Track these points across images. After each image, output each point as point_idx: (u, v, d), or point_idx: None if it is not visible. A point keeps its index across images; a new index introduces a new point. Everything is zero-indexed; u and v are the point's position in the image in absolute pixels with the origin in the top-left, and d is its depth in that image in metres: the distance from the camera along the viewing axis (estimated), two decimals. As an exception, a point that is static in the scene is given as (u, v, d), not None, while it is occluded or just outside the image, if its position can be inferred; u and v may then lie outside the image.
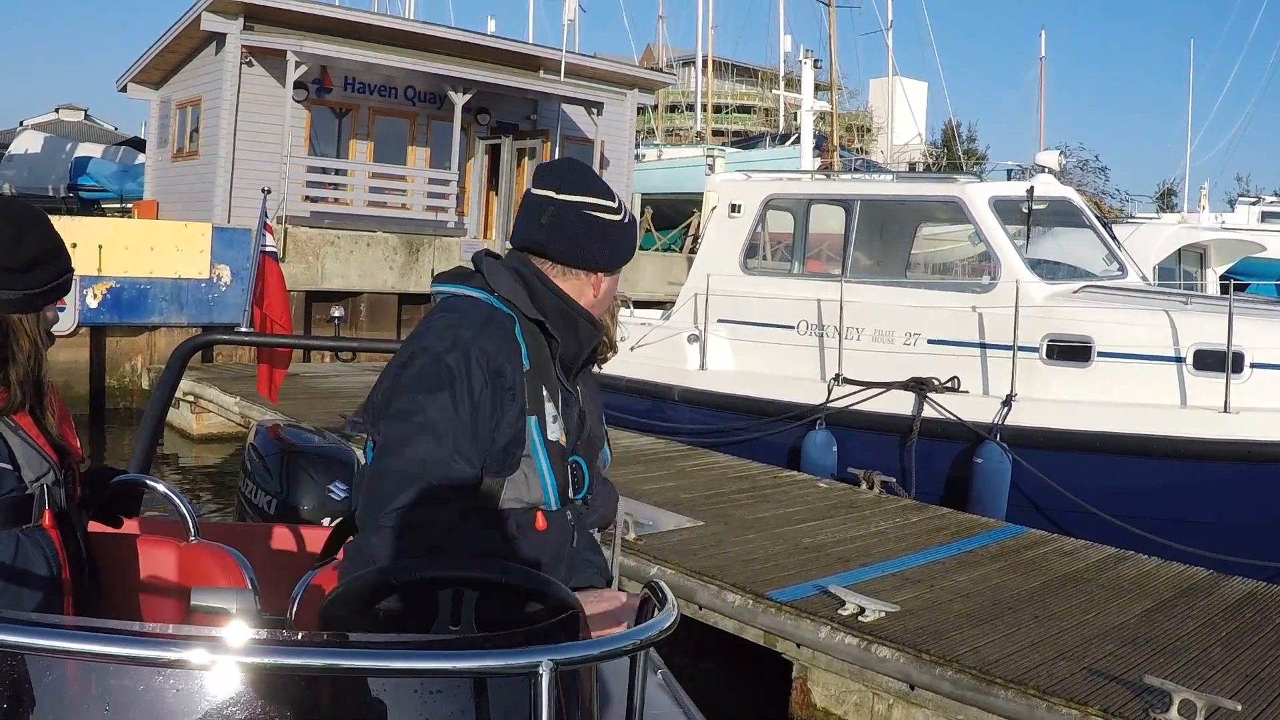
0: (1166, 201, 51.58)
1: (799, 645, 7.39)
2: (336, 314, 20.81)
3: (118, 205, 33.62)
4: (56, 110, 43.86)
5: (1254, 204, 41.98)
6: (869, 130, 63.02)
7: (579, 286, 3.16)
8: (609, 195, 3.19)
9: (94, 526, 3.58)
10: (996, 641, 7.03)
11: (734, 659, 8.27)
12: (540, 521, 3.02)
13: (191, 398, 16.98)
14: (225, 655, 1.83)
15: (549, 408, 3.04)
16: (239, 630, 2.00)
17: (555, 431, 3.05)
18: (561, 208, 3.11)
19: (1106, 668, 6.61)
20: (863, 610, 7.32)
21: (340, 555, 3.11)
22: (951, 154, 56.20)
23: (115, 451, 16.58)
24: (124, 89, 28.42)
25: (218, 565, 3.70)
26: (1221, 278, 20.42)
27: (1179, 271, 18.72)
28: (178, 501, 4.02)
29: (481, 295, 3.08)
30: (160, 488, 4.09)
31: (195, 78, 25.80)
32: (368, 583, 2.49)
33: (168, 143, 27.23)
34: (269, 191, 12.84)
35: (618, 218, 3.18)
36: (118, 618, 3.26)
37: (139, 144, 34.86)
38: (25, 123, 42.88)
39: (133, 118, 29.79)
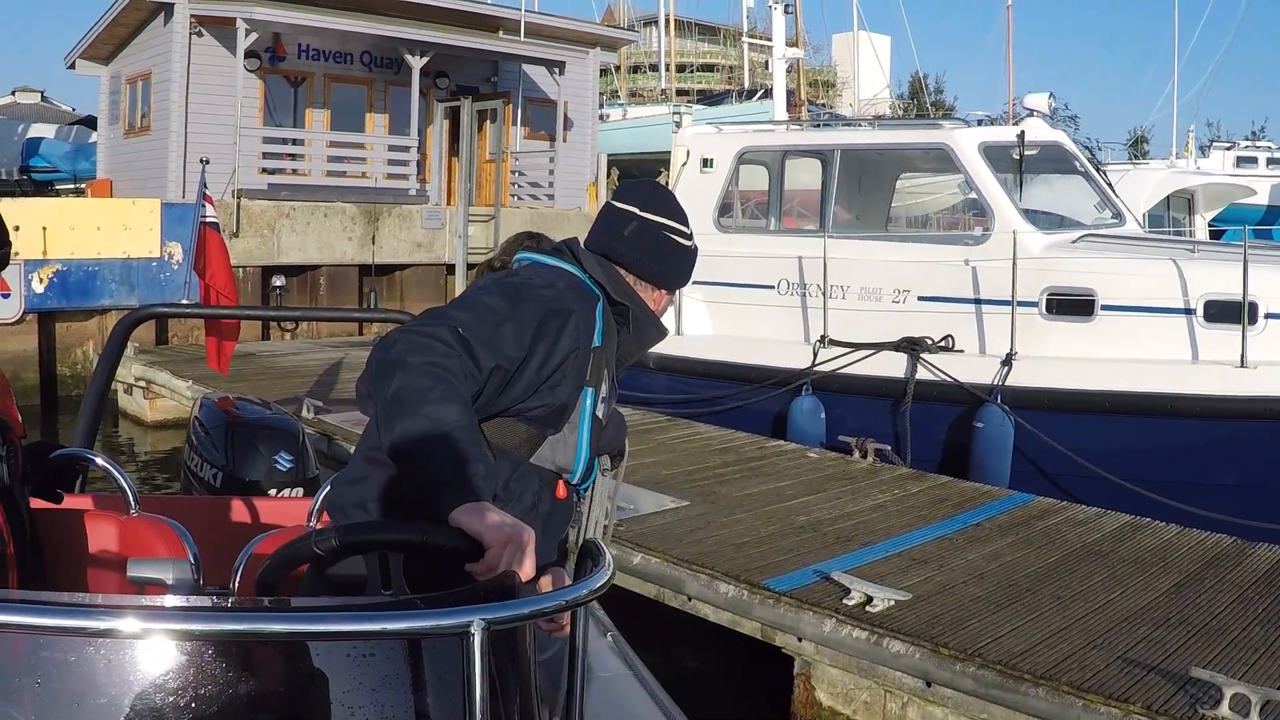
0: (1139, 149, 51.13)
1: (801, 639, 6.74)
2: (278, 284, 20.28)
3: (71, 186, 32.93)
4: (13, 93, 43.04)
5: (1228, 149, 41.80)
6: (833, 85, 62.75)
7: (645, 298, 3.40)
8: (685, 221, 3.47)
9: (34, 503, 3.50)
10: (1019, 629, 6.42)
11: (729, 652, 7.67)
12: (561, 489, 3.19)
13: (144, 383, 16.28)
14: (148, 624, 1.82)
15: (604, 387, 3.22)
16: (162, 599, 2.23)
17: (601, 410, 3.22)
18: (644, 225, 3.38)
19: (1143, 656, 6.03)
20: (870, 599, 6.67)
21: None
22: (920, 106, 55.85)
23: (69, 440, 15.88)
24: (72, 66, 27.65)
25: (158, 537, 3.76)
26: (1210, 224, 19.98)
27: (1168, 218, 18.22)
28: (116, 474, 4.13)
29: (573, 269, 3.27)
30: (99, 461, 4.22)
31: (144, 51, 25.05)
32: (295, 551, 2.51)
33: (119, 119, 26.52)
34: (207, 162, 12.30)
35: (689, 244, 3.46)
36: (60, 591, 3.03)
37: (92, 123, 34.16)
38: (-22, 107, 42.17)
39: (90, 97, 29.27)
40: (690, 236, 3.46)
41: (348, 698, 2.06)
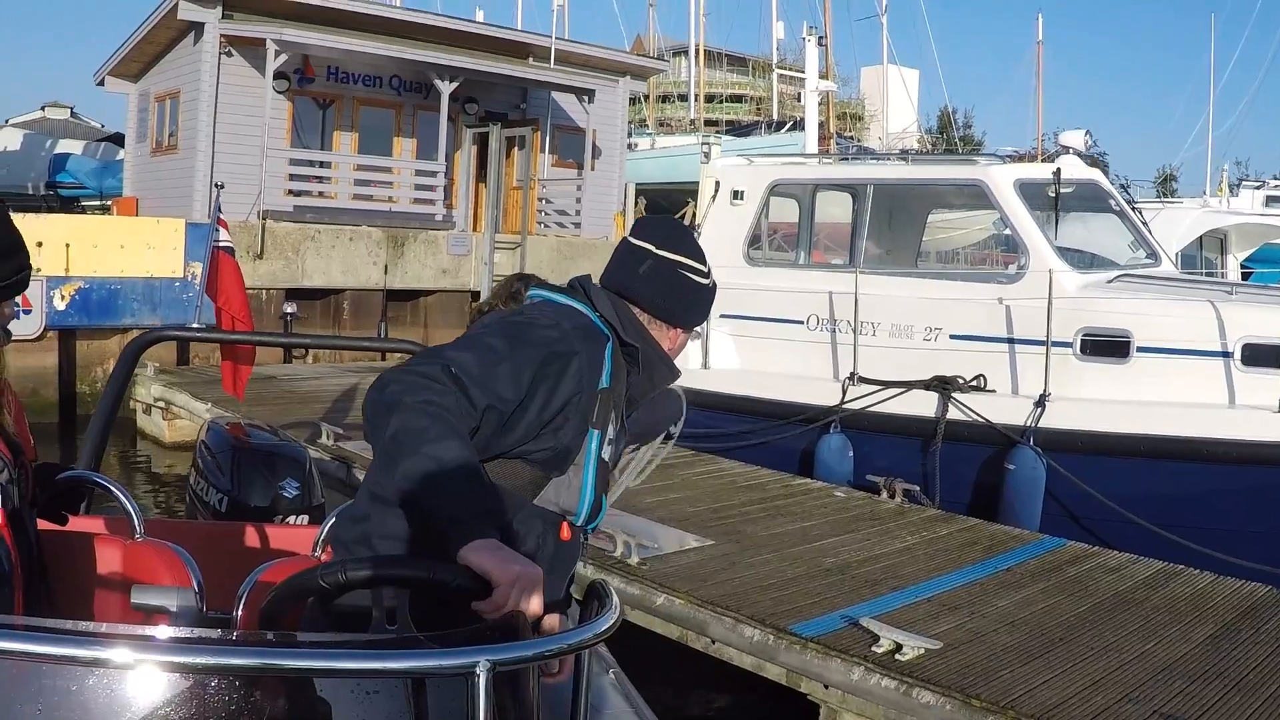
0: (1166, 187, 50.96)
1: (827, 686, 6.55)
2: (289, 310, 20.22)
3: (98, 202, 32.97)
4: (42, 108, 43.17)
5: (1259, 188, 41.60)
6: (861, 118, 62.79)
7: (659, 337, 3.34)
8: (702, 259, 3.41)
9: (40, 524, 3.50)
10: (1052, 681, 6.22)
11: (753, 696, 7.51)
12: (566, 531, 3.13)
13: (163, 404, 16.21)
14: (149, 655, 1.83)
15: (610, 429, 3.16)
16: (165, 629, 2.14)
17: (607, 452, 3.17)
18: (660, 263, 3.32)
19: (1179, 711, 5.85)
20: (899, 647, 6.48)
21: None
22: (949, 140, 55.78)
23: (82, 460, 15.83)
24: (101, 83, 27.66)
25: (162, 563, 3.78)
26: (1242, 264, 19.79)
27: (1200, 258, 18.03)
28: (122, 498, 4.12)
29: (584, 308, 3.22)
30: (106, 484, 4.22)
31: (173, 69, 25.03)
32: (301, 584, 2.52)
33: (146, 137, 26.49)
34: (221, 186, 12.22)
35: (706, 282, 3.39)
36: (63, 617, 3.11)
37: (120, 140, 34.21)
38: (8, 121, 42.24)
39: (119, 115, 29.34)
40: (708, 275, 3.42)
41: None
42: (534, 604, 2.35)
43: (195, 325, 9.16)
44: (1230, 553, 9.25)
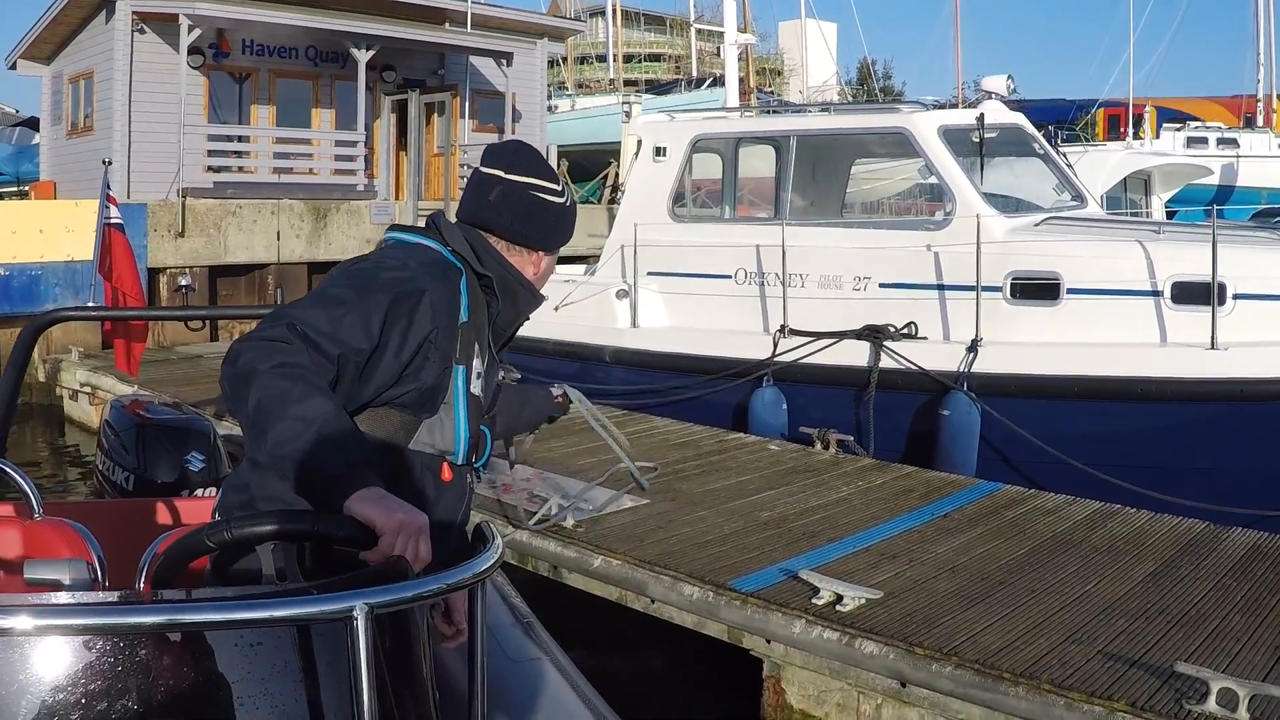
0: (1088, 132, 51.19)
1: (769, 641, 6.49)
2: (184, 282, 19.95)
3: (15, 188, 32.43)
4: (-44, 97, 42.51)
5: (1179, 130, 41.96)
6: (780, 73, 62.80)
7: (521, 262, 3.34)
8: (554, 178, 3.39)
9: None
10: (995, 625, 6.20)
11: (696, 653, 7.39)
12: (447, 472, 3.13)
13: (89, 389, 15.93)
14: (30, 620, 1.84)
15: (476, 363, 3.16)
16: (44, 596, 2.21)
17: (476, 387, 3.17)
18: (510, 187, 3.29)
19: (1123, 650, 5.82)
20: (840, 598, 6.42)
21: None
22: (869, 92, 55.82)
23: (15, 451, 15.56)
24: (14, 66, 27.29)
25: (61, 540, 3.78)
26: (1166, 205, 19.90)
27: (1125, 199, 18.11)
28: (19, 479, 4.13)
29: (435, 245, 3.20)
30: (2, 466, 4.24)
31: (86, 49, 24.64)
32: (187, 545, 2.52)
33: (62, 119, 26.10)
34: (109, 163, 12.03)
35: (561, 200, 3.37)
36: None
37: (35, 124, 33.66)
38: (-81, 113, 41.46)
39: (33, 98, 28.92)
40: (563, 193, 3.39)
41: (238, 688, 2.08)
42: (422, 551, 2.35)
43: (90, 305, 9.03)
44: (1166, 490, 9.27)
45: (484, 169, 3.34)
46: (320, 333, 2.73)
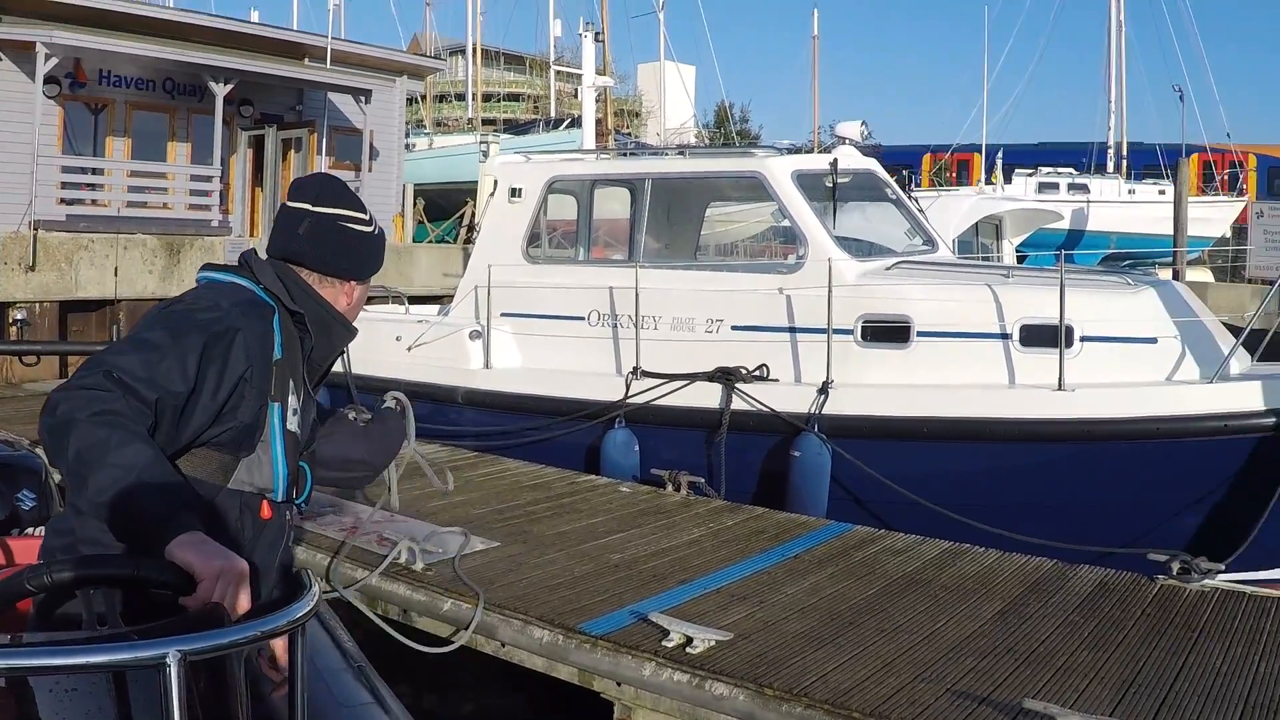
0: (941, 177, 52.18)
1: (619, 684, 6.41)
2: (19, 317, 19.55)
3: None
4: None
5: (1031, 175, 42.95)
6: (639, 115, 63.21)
7: (334, 294, 3.38)
8: (361, 208, 3.45)
9: None
10: (845, 665, 6.18)
11: (548, 695, 7.31)
12: (266, 510, 3.14)
13: (-80, 426, 15.41)
14: None
15: (291, 399, 3.18)
16: None
17: (293, 423, 3.20)
18: (318, 219, 3.33)
19: (972, 688, 5.85)
20: (690, 640, 6.37)
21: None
22: (726, 134, 56.38)
23: None
24: None
25: None
26: (1017, 249, 20.24)
27: (976, 243, 18.38)
28: None
29: (247, 283, 3.23)
30: None
31: (-62, 77, 24.04)
32: (6, 589, 2.45)
33: (-88, 150, 25.33)
34: None
35: (370, 229, 3.44)
36: None
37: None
38: None
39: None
40: (370, 223, 3.46)
41: None
42: (241, 599, 2.36)
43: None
44: (1015, 529, 9.37)
45: (291, 203, 3.39)
46: (137, 378, 2.75)
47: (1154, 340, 10.52)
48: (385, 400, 4.55)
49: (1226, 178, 50.92)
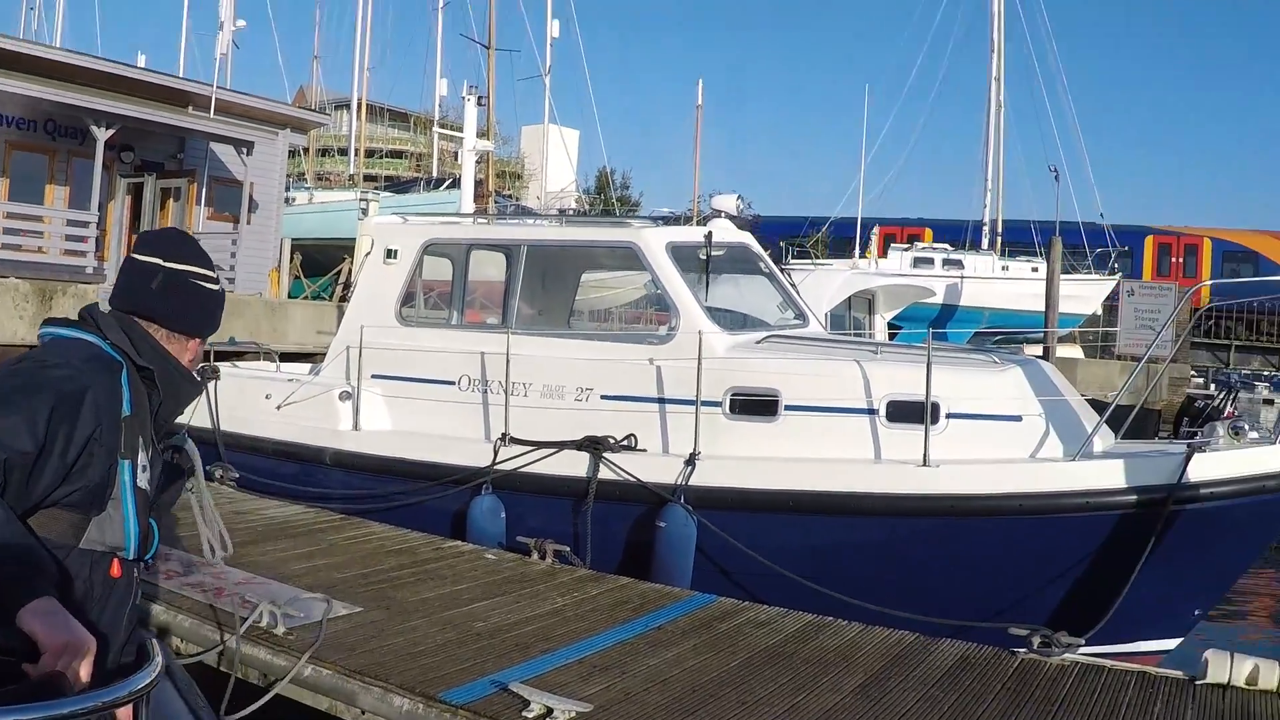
0: (817, 249, 52.75)
1: (477, 755, 6.36)
2: None
3: None
4: None
5: (906, 250, 43.56)
6: (520, 177, 63.33)
7: (179, 350, 3.38)
8: (210, 265, 3.47)
9: None
10: (703, 739, 6.15)
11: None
12: (116, 568, 3.11)
13: None
14: None
15: (141, 456, 3.15)
16: None
17: (143, 480, 3.17)
18: (171, 275, 3.33)
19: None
20: (550, 711, 6.36)
21: None
22: (606, 200, 56.60)
23: None
24: None
25: None
26: (890, 323, 20.48)
27: (849, 318, 18.57)
28: None
29: (93, 338, 3.18)
30: None
31: None
32: None
33: None
34: None
35: (216, 287, 3.45)
36: None
37: None
38: None
39: None
40: (216, 281, 3.48)
41: None
42: (83, 671, 2.32)
43: None
44: (878, 603, 9.43)
45: (140, 257, 3.37)
46: None
47: (1019, 418, 10.69)
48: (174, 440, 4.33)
49: (1182, 262, 52.63)
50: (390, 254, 14.02)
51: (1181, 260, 53.79)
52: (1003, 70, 52.58)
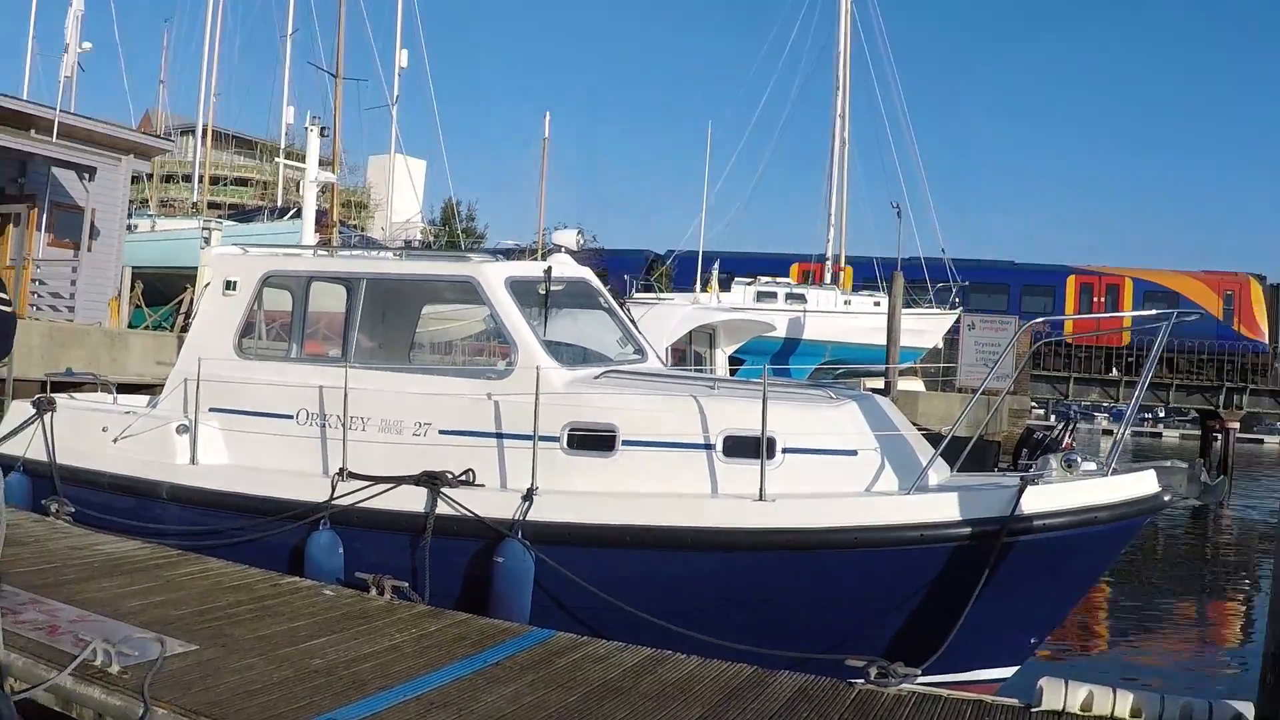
0: (660, 283, 53.07)
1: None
2: None
3: None
4: None
5: (750, 284, 43.99)
6: (366, 207, 62.92)
7: None
8: (3, 288, 3.23)
9: None
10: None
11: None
12: None
13: None
14: None
15: None
16: None
17: None
18: None
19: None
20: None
21: None
22: (451, 232, 56.50)
23: None
24: None
25: None
26: (733, 356, 20.68)
27: (690, 352, 18.74)
28: None
29: None
30: None
31: None
32: None
33: None
34: None
35: (12, 309, 3.31)
36: None
37: None
38: None
39: None
40: (11, 303, 3.39)
41: None
42: None
43: None
44: (716, 636, 9.59)
45: None
46: None
47: (854, 453, 10.91)
48: None
49: (1104, 301, 53.96)
50: (229, 285, 13.89)
51: (1104, 300, 55.46)
52: (848, 107, 53.52)
